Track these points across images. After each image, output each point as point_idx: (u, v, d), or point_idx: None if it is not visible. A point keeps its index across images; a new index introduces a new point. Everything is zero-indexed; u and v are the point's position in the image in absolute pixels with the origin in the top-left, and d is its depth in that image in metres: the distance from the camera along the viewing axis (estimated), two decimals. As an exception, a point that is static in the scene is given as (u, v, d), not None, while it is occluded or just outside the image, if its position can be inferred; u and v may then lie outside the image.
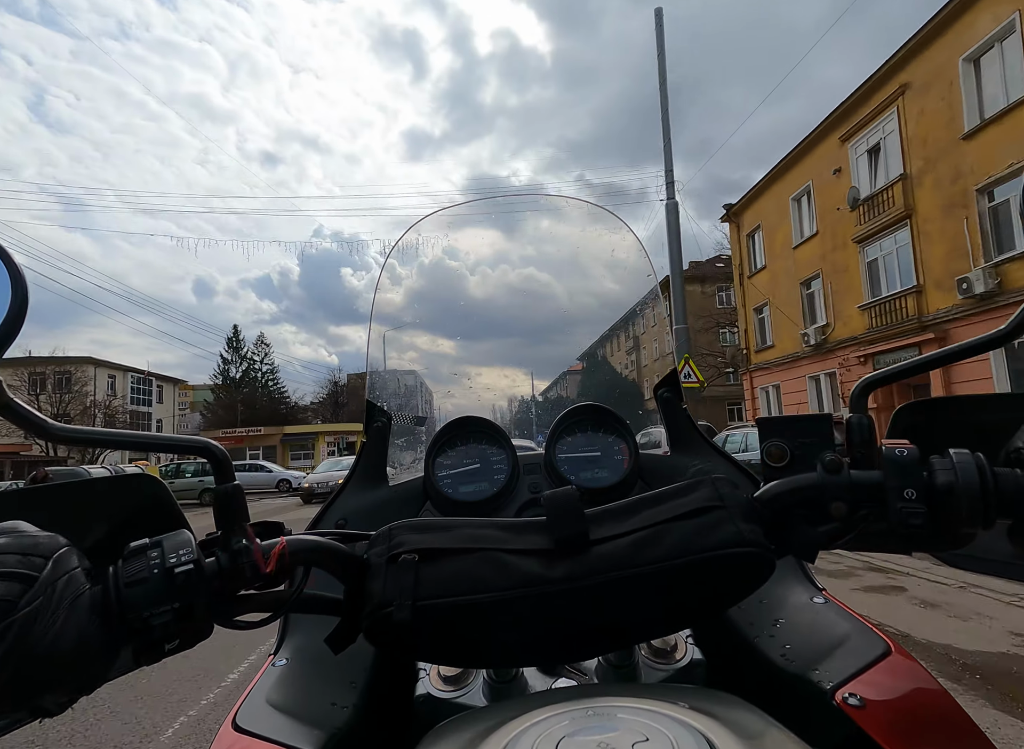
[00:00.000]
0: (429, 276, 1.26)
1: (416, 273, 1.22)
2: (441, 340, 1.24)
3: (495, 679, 0.63)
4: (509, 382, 1.28)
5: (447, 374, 1.25)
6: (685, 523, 0.44)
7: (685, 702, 0.38)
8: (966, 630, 3.63)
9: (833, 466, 0.44)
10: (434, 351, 1.22)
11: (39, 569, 0.33)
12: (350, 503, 0.88)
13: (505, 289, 1.29)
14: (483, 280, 1.29)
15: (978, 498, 0.40)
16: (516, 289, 1.26)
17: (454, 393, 1.23)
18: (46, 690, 0.33)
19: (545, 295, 1.25)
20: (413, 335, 1.20)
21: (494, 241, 1.27)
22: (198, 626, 0.38)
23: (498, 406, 1.26)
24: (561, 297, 1.25)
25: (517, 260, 1.28)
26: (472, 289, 1.29)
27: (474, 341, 1.29)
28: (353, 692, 0.60)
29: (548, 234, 1.27)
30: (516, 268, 1.28)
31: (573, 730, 0.34)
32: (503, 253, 1.28)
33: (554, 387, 1.39)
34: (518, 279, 1.27)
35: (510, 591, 0.42)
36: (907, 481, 0.41)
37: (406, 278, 1.21)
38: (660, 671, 0.65)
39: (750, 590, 0.46)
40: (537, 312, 1.30)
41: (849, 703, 0.47)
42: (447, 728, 0.41)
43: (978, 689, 2.78)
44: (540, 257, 1.28)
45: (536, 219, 1.26)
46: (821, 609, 0.65)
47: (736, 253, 22.60)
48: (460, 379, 1.24)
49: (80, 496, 0.46)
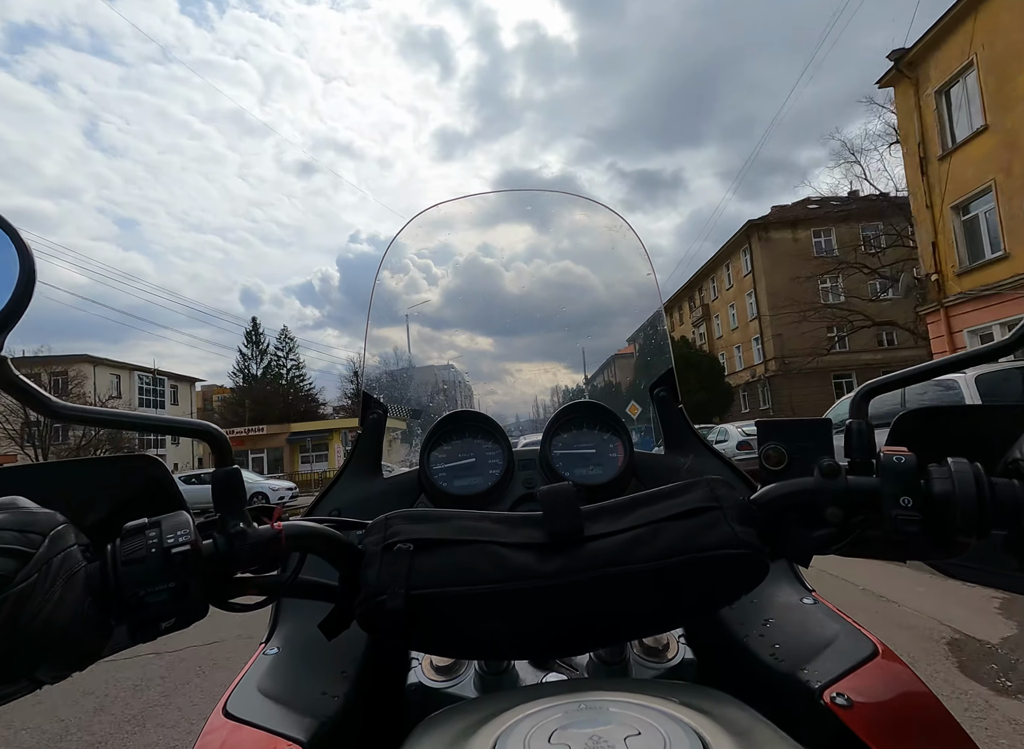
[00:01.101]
0: (450, 273, 1.27)
1: (430, 269, 1.24)
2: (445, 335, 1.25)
3: (486, 671, 0.63)
4: (550, 376, 1.28)
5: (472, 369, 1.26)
6: (680, 523, 0.44)
7: (677, 698, 0.38)
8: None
9: (830, 471, 0.44)
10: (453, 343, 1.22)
11: (35, 546, 0.33)
12: (345, 494, 0.89)
13: (500, 284, 1.29)
14: (494, 272, 1.30)
15: (974, 508, 0.40)
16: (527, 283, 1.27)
17: (490, 388, 1.23)
18: (41, 664, 0.33)
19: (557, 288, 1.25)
20: (442, 331, 1.21)
21: (483, 235, 1.28)
22: (193, 606, 0.38)
23: (540, 400, 1.27)
24: (592, 290, 1.25)
25: (509, 256, 1.29)
26: (504, 283, 1.30)
27: (484, 334, 1.30)
28: (344, 682, 0.60)
29: (543, 229, 1.28)
30: (513, 262, 1.29)
31: (565, 723, 0.35)
32: (492, 247, 1.29)
33: (602, 373, 1.36)
34: (522, 273, 1.27)
35: (503, 583, 0.42)
36: (904, 488, 0.42)
37: (415, 273, 1.23)
38: (651, 669, 0.65)
39: (743, 592, 0.46)
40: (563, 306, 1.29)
41: (837, 703, 0.48)
42: (439, 718, 0.41)
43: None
44: (535, 252, 1.29)
45: (532, 215, 1.27)
46: (810, 610, 0.66)
47: (910, 126, 14.04)
48: (500, 375, 1.25)
49: (82, 474, 0.46)
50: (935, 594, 3.86)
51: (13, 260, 0.37)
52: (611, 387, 1.43)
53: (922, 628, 3.32)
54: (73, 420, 0.42)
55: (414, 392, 1.26)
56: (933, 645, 3.08)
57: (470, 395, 1.31)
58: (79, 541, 0.37)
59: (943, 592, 3.86)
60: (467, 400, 1.29)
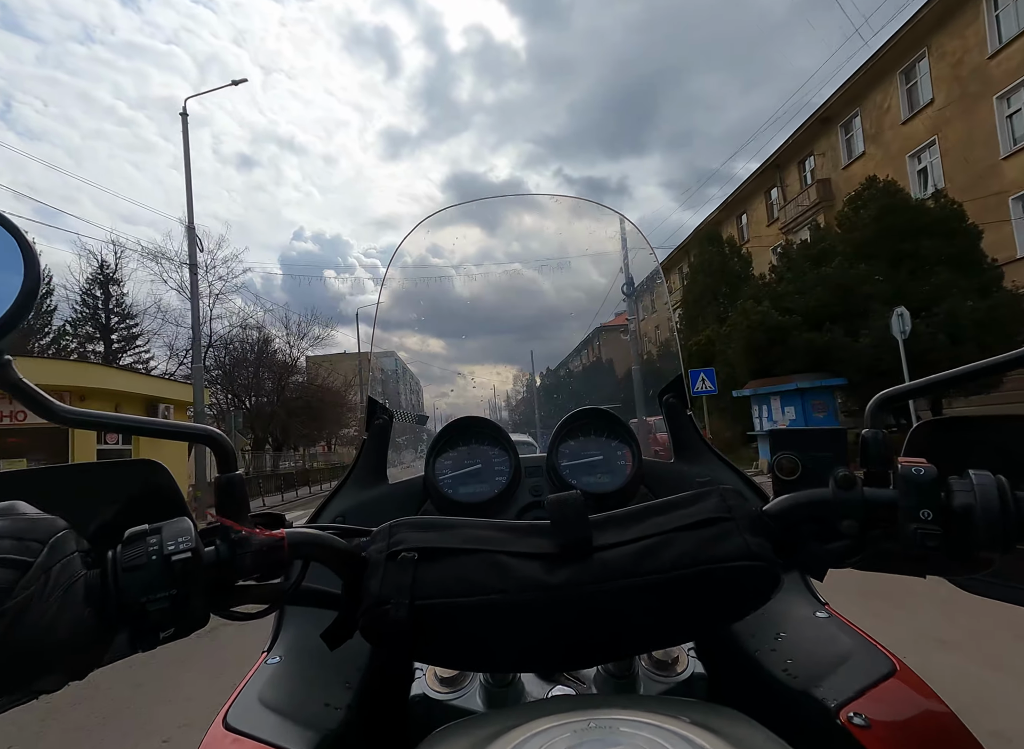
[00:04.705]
0: (435, 278, 1.27)
1: (415, 274, 1.23)
2: (433, 340, 1.25)
3: (492, 683, 0.62)
4: (501, 378, 1.28)
5: (441, 372, 1.26)
6: (691, 533, 0.43)
7: (688, 717, 0.37)
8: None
9: (846, 482, 0.43)
10: (426, 351, 1.23)
11: (35, 554, 0.33)
12: (349, 500, 0.88)
13: (494, 286, 1.29)
14: (478, 279, 1.30)
15: (998, 522, 0.39)
16: (506, 287, 1.27)
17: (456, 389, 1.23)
18: (40, 675, 0.33)
19: (534, 291, 1.25)
20: (418, 336, 1.21)
21: (488, 240, 1.29)
22: (194, 614, 0.37)
23: (493, 402, 1.26)
24: (565, 292, 1.25)
25: (504, 257, 1.30)
26: (470, 289, 1.30)
27: (471, 338, 1.30)
28: (347, 693, 0.60)
29: (538, 231, 1.29)
30: (502, 265, 1.29)
31: (575, 743, 0.34)
32: (493, 251, 1.30)
33: (585, 348, 1.31)
34: (507, 276, 1.28)
35: (510, 594, 0.42)
36: (923, 501, 0.40)
37: (406, 279, 1.23)
38: (660, 683, 0.64)
39: (756, 606, 0.45)
40: (537, 306, 1.29)
41: (854, 723, 0.46)
42: (445, 734, 0.41)
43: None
44: (527, 253, 1.29)
45: (523, 216, 1.27)
46: (824, 624, 0.64)
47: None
48: (463, 376, 1.24)
49: (84, 479, 0.46)
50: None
51: (18, 262, 0.36)
52: (600, 363, 1.40)
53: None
54: (77, 424, 0.42)
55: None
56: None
57: (419, 390, 1.30)
58: (79, 547, 0.36)
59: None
60: (415, 396, 1.29)
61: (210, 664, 3.46)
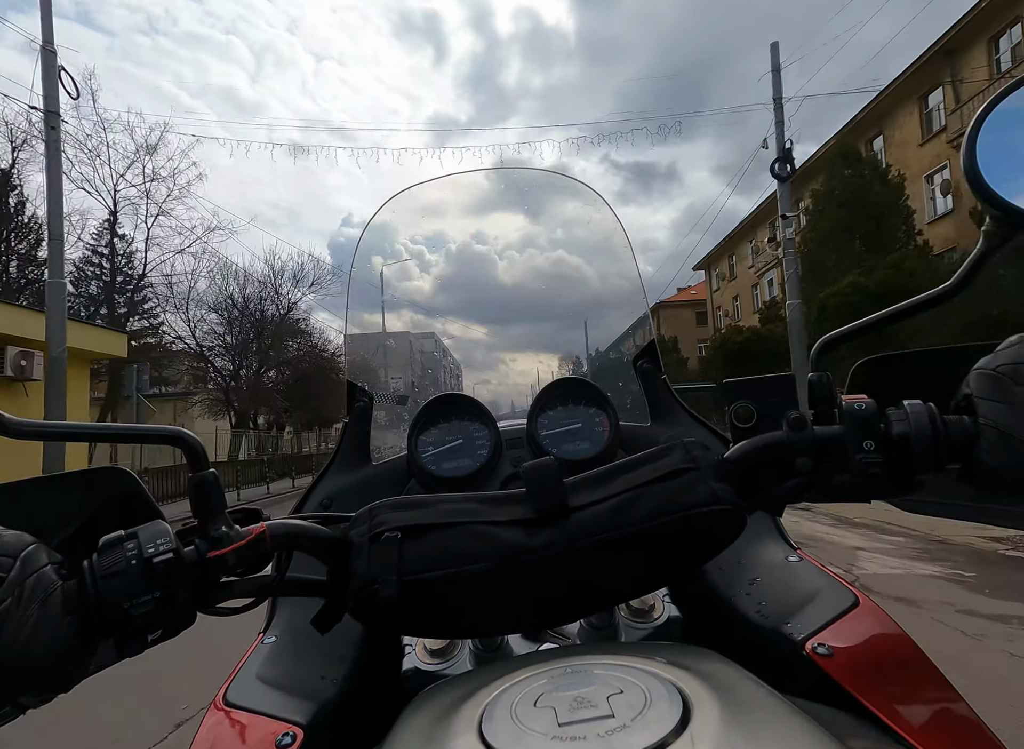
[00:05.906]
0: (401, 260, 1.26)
1: (424, 255, 1.24)
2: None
3: (480, 648, 0.64)
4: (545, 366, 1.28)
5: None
6: (660, 486, 0.45)
7: (662, 658, 0.39)
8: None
9: (798, 424, 0.45)
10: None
11: (6, 569, 0.32)
12: (334, 484, 0.89)
13: (478, 268, 1.29)
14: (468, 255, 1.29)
15: (931, 445, 0.42)
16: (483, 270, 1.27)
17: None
18: (22, 690, 0.33)
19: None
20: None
21: (461, 218, 1.27)
22: (180, 615, 0.37)
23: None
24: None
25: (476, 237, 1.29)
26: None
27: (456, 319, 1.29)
28: (342, 666, 0.61)
29: (520, 207, 1.27)
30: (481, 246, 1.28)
31: (551, 687, 0.35)
32: (467, 230, 1.29)
33: (636, 331, 1.30)
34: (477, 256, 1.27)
35: (493, 561, 0.43)
36: (865, 433, 0.43)
37: (388, 258, 1.22)
38: (639, 630, 0.67)
39: (724, 546, 0.47)
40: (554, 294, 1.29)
41: (818, 652, 0.50)
42: (431, 693, 0.42)
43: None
44: (514, 234, 1.28)
45: (509, 194, 1.26)
46: (795, 566, 0.67)
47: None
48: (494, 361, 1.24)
49: (49, 492, 0.45)
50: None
51: None
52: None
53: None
54: (32, 436, 0.40)
55: (390, 360, 1.26)
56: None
57: (459, 375, 1.30)
58: (52, 560, 0.35)
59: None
60: (456, 380, 1.29)
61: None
